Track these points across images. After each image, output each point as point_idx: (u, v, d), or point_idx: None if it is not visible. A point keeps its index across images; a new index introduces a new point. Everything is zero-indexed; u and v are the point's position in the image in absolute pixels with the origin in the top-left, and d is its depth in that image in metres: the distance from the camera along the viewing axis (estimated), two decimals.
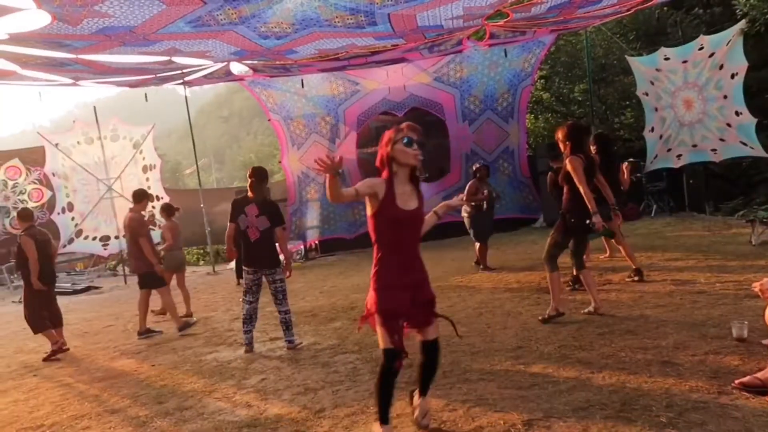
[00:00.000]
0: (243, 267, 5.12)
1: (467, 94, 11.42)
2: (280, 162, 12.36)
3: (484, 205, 7.45)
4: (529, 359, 4.10)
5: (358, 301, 6.68)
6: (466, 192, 7.43)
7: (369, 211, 2.93)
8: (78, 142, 11.96)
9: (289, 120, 11.72)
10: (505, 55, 11.04)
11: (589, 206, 4.41)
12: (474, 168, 7.80)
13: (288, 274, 5.10)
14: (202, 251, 16.07)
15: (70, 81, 8.25)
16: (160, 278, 6.41)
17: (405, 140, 2.93)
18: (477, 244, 7.64)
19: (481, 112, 11.50)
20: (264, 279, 5.13)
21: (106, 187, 11.90)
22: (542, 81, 15.01)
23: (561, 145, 4.62)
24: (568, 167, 4.48)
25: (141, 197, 6.65)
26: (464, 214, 7.79)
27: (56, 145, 11.80)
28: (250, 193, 5.00)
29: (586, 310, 4.92)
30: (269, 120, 11.89)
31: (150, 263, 6.22)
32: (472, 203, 7.47)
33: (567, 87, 14.79)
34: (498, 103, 11.46)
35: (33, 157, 12.40)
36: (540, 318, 4.84)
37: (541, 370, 3.85)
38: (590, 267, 5.40)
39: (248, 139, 72.38)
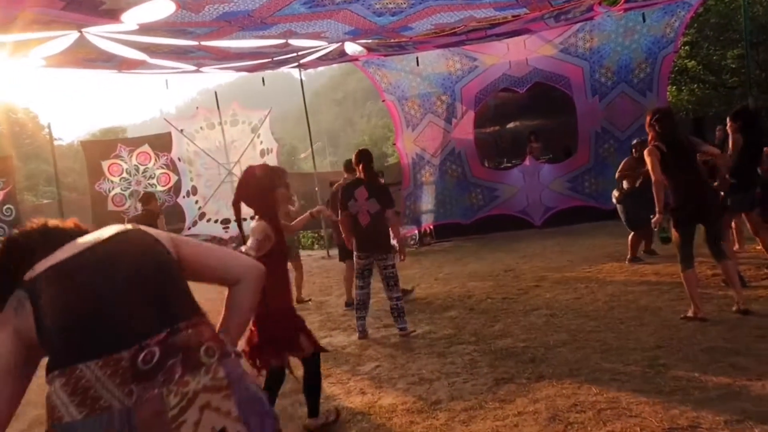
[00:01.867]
0: (355, 252, 5.13)
1: (598, 66, 10.73)
2: (394, 144, 12.18)
3: (637, 184, 6.89)
4: (671, 360, 3.88)
5: (476, 289, 6.57)
6: (620, 168, 7.12)
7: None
8: (201, 128, 12.47)
9: (403, 100, 11.48)
10: (643, 20, 10.25)
11: (657, 200, 4.28)
12: (633, 144, 7.38)
13: (402, 257, 5.14)
14: (316, 235, 16.01)
15: (193, 68, 8.65)
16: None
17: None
18: (631, 234, 7.11)
19: (614, 85, 10.71)
20: (375, 264, 5.12)
21: (226, 171, 12.36)
22: (687, 47, 14.08)
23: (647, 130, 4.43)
24: (647, 158, 4.36)
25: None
26: (613, 200, 7.39)
27: (181, 131, 12.35)
28: (360, 175, 5.06)
29: (735, 308, 4.65)
30: (383, 101, 11.66)
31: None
32: (623, 188, 7.11)
33: (718, 53, 13.73)
34: (634, 74, 10.65)
35: (161, 143, 12.86)
36: (682, 316, 4.62)
37: (685, 374, 3.63)
38: (736, 258, 5.19)
39: (362, 121, 73.34)
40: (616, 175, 7.07)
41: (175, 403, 1.22)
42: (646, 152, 4.33)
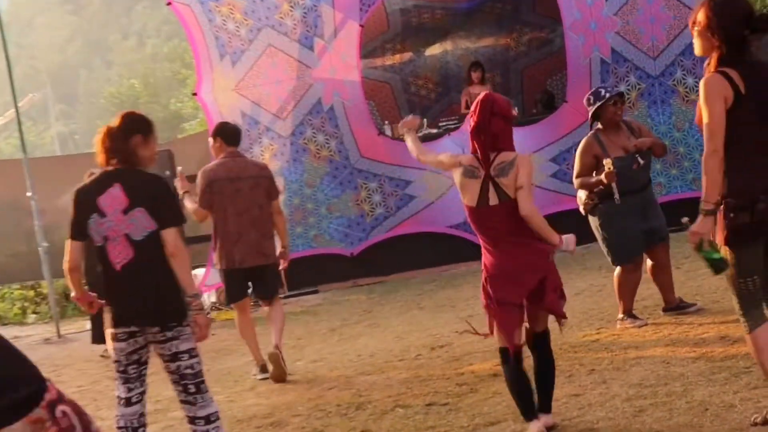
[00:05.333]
0: (108, 326, 4.87)
1: None
2: (194, 94, 11.64)
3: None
4: None
5: (373, 390, 6.15)
6: (578, 159, 6.43)
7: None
8: None
9: (211, 4, 10.35)
10: None
11: (704, 189, 3.83)
12: (596, 105, 6.42)
13: (202, 333, 4.49)
14: (33, 293, 14.10)
15: None
16: None
17: None
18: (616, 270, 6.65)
19: None
20: (152, 349, 4.81)
21: None
22: None
23: (696, 43, 3.97)
24: (700, 96, 3.92)
25: None
26: (580, 208, 6.75)
27: None
28: (107, 165, 4.56)
29: None
30: (168, 3, 10.43)
31: None
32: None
33: None
34: None
35: None
36: (753, 420, 4.16)
37: None
38: None
39: (124, 49, 55.25)
40: (575, 170, 6.40)
41: None
42: (703, 81, 3.87)
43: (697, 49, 4.00)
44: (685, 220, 3.99)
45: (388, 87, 12.80)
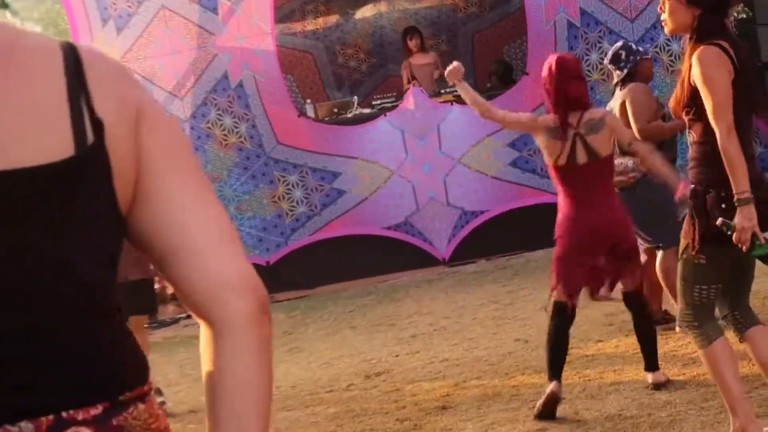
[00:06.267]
0: None
1: None
2: None
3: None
4: None
5: (294, 430, 6.23)
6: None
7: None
8: None
9: None
10: None
11: (733, 178, 3.84)
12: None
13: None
14: None
15: None
16: None
17: None
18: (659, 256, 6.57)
19: None
20: None
21: None
22: None
23: (668, 20, 3.98)
24: (695, 70, 3.91)
25: None
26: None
27: None
28: None
29: None
30: None
31: None
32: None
33: None
34: None
35: None
36: None
37: None
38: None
39: None
40: (638, 119, 6.40)
41: None
42: (699, 55, 3.85)
43: (670, 26, 3.96)
44: (719, 221, 3.81)
45: (310, 57, 12.40)
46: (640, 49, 6.50)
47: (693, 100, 3.93)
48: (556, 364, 4.52)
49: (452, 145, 9.91)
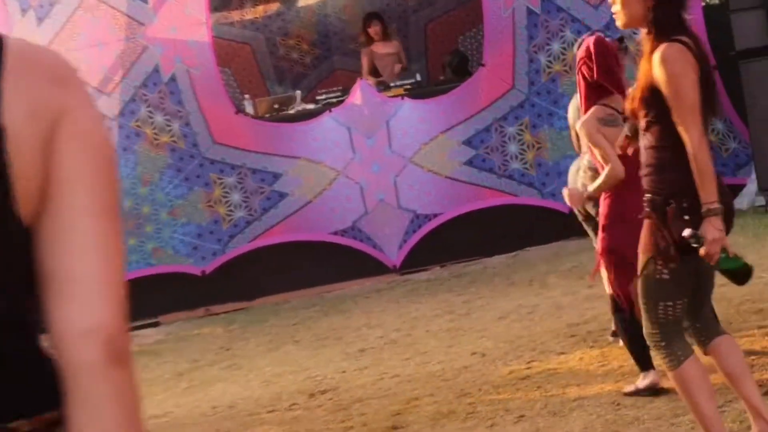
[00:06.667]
0: None
1: None
2: None
3: None
4: None
5: None
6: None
7: None
8: None
9: None
10: None
11: (702, 187, 3.85)
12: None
13: None
14: None
15: None
16: None
17: None
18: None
19: None
20: None
21: None
22: None
23: (620, 13, 4.02)
24: (658, 70, 3.87)
25: None
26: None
27: None
28: None
29: None
30: None
31: None
32: None
33: None
34: None
35: None
36: None
37: None
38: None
39: None
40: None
41: None
42: (662, 53, 3.79)
43: (623, 19, 3.90)
44: (687, 232, 3.78)
45: (249, 49, 12.23)
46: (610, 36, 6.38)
47: (653, 101, 3.84)
48: (641, 356, 4.62)
49: (403, 143, 9.77)
